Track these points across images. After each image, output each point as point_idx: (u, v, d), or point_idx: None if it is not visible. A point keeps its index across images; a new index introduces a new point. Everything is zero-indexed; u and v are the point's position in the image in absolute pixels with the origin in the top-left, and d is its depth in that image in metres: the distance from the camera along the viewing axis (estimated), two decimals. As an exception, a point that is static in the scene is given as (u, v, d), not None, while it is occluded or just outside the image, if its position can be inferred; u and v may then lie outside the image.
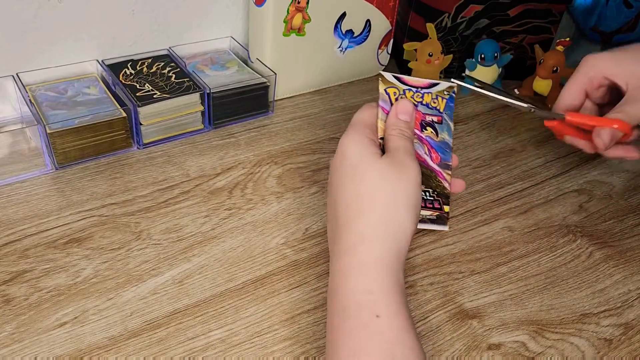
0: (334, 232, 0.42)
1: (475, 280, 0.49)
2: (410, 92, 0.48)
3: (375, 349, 0.35)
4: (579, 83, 0.55)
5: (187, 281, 0.46)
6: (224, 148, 0.62)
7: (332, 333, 0.38)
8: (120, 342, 0.41)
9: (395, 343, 0.35)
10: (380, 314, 0.36)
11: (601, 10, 0.84)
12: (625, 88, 0.53)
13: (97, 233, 0.50)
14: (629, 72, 0.53)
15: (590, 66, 0.55)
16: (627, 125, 0.51)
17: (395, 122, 0.45)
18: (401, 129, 0.44)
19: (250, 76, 0.66)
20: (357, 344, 0.36)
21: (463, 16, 0.75)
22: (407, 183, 0.41)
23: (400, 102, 0.46)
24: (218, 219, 0.52)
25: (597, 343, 0.44)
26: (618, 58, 0.54)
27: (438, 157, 0.48)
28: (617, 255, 0.53)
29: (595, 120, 0.52)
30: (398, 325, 0.36)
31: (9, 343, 0.40)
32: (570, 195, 0.60)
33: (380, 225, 0.39)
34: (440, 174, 0.48)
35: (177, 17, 0.68)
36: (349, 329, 0.36)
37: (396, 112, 0.46)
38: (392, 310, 0.37)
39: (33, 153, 0.56)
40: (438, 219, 0.47)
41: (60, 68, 0.62)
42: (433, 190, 0.47)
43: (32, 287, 0.44)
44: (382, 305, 0.37)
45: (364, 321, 0.36)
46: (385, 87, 0.47)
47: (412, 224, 0.40)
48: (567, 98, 0.56)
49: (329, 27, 0.70)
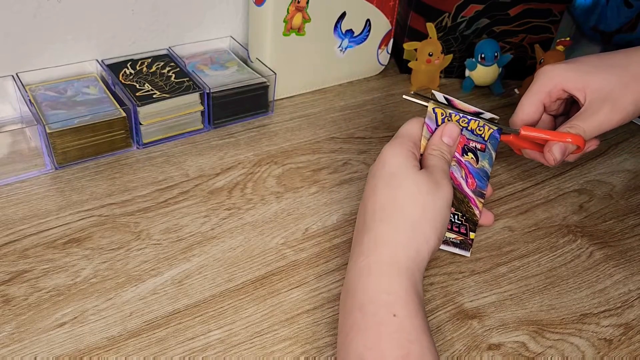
0: (359, 232, 0.43)
1: (475, 280, 0.49)
2: (457, 116, 0.49)
3: (390, 344, 0.35)
4: (537, 96, 0.54)
5: (186, 281, 0.46)
6: (224, 148, 0.62)
7: (345, 329, 0.38)
8: (120, 342, 0.41)
9: (412, 341, 0.36)
10: (397, 314, 0.37)
11: (601, 10, 0.84)
12: (583, 101, 0.52)
13: (97, 233, 0.49)
14: (588, 84, 0.51)
15: (548, 78, 0.53)
16: (581, 138, 0.50)
17: (438, 142, 0.47)
18: (442, 150, 0.47)
19: (250, 76, 0.66)
20: (373, 339, 0.36)
21: (463, 16, 0.75)
22: (439, 201, 0.42)
23: (448, 125, 0.48)
24: (218, 219, 0.52)
25: (597, 343, 0.44)
26: (577, 70, 0.53)
27: (474, 184, 0.50)
28: (617, 255, 0.53)
29: (550, 134, 0.51)
30: (415, 325, 0.37)
31: (9, 343, 0.40)
32: (571, 195, 0.60)
33: (406, 233, 0.41)
34: (472, 200, 0.50)
35: (177, 16, 0.68)
36: (364, 325, 0.37)
37: (441, 134, 0.47)
38: (409, 311, 0.37)
39: (33, 153, 0.56)
40: (461, 243, 0.49)
41: (60, 68, 0.62)
42: (462, 215, 0.49)
43: (32, 287, 0.44)
44: (400, 305, 0.37)
45: (381, 319, 0.37)
46: (434, 107, 0.48)
47: (436, 241, 0.42)
48: (525, 112, 0.54)
49: (329, 26, 0.70)
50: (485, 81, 0.76)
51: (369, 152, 0.63)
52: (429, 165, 0.45)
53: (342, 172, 0.60)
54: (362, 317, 0.37)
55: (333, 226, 0.53)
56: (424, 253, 0.41)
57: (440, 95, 0.49)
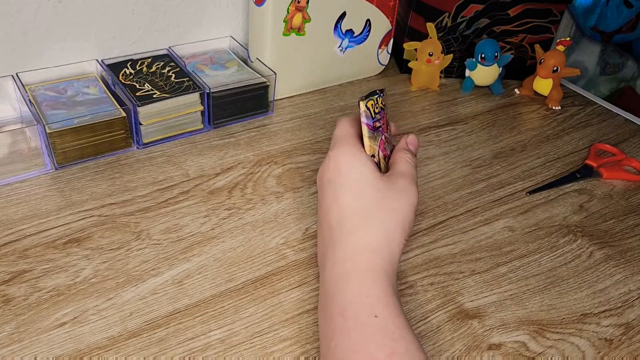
0: (327, 242, 0.43)
1: (475, 280, 0.49)
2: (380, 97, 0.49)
3: (376, 344, 0.36)
4: None
5: (186, 281, 0.46)
6: (224, 148, 0.62)
7: (328, 335, 0.38)
8: (120, 342, 0.41)
9: (395, 339, 0.36)
10: (378, 315, 0.37)
11: (601, 10, 0.84)
12: None
13: (97, 233, 0.49)
14: None
15: None
16: None
17: (405, 147, 0.49)
18: (410, 157, 0.48)
19: (250, 76, 0.66)
20: (358, 341, 0.36)
21: (463, 16, 0.75)
22: (408, 207, 0.44)
23: (410, 136, 0.51)
24: (218, 219, 0.52)
25: (597, 343, 0.44)
26: None
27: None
28: (617, 255, 0.53)
29: None
30: (397, 324, 0.37)
31: (9, 343, 0.40)
32: (571, 195, 0.60)
33: (379, 239, 0.42)
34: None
35: (177, 16, 0.68)
36: (347, 329, 0.37)
37: (406, 141, 0.50)
38: (390, 312, 0.37)
39: (33, 153, 0.56)
40: None
41: (60, 68, 0.62)
42: None
43: (32, 287, 0.44)
44: (381, 306, 0.38)
45: (364, 321, 0.37)
46: (366, 103, 0.47)
47: (404, 240, 0.43)
48: None
49: (329, 26, 0.70)
50: (485, 81, 0.76)
51: (369, 152, 0.63)
52: (399, 170, 0.46)
53: (342, 172, 0.60)
54: (344, 321, 0.37)
55: (333, 226, 0.53)
56: (397, 254, 0.42)
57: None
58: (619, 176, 0.62)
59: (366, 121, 0.47)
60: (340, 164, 0.45)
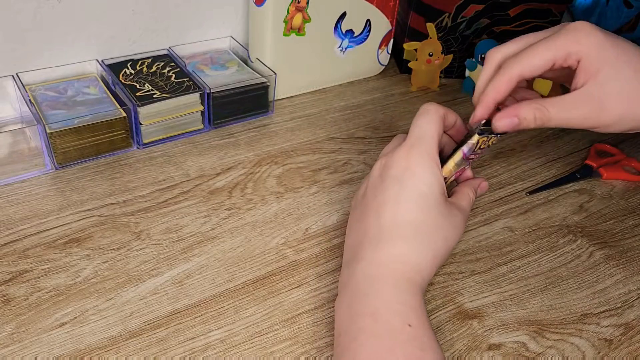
0: (371, 236, 0.43)
1: (475, 281, 0.49)
2: (496, 138, 0.47)
3: (404, 351, 0.36)
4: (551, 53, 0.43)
5: (186, 281, 0.46)
6: (224, 148, 0.62)
7: (352, 332, 0.38)
8: (120, 342, 0.41)
9: (425, 350, 0.36)
10: (412, 324, 0.38)
11: (601, 10, 0.84)
12: (580, 85, 0.43)
13: (97, 233, 0.49)
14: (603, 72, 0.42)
15: (575, 41, 0.42)
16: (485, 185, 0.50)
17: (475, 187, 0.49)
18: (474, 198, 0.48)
19: (250, 76, 0.66)
20: (387, 346, 0.36)
21: (463, 16, 0.75)
22: (454, 241, 0.45)
23: (485, 182, 0.50)
24: (218, 219, 0.52)
25: (597, 343, 0.44)
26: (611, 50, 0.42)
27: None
28: (617, 256, 0.53)
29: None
30: (428, 336, 0.38)
31: (9, 343, 0.40)
32: (571, 195, 0.60)
33: (427, 259, 0.42)
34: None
35: (177, 16, 0.68)
36: (377, 332, 0.37)
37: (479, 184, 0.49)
38: (422, 323, 0.38)
39: (33, 153, 0.56)
40: None
41: (60, 68, 0.62)
42: None
43: (32, 287, 0.44)
44: (414, 316, 0.38)
45: (396, 327, 0.37)
46: (480, 137, 0.46)
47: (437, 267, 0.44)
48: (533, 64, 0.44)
49: (329, 27, 0.70)
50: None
51: (369, 152, 0.63)
52: (462, 206, 0.46)
53: (342, 172, 0.60)
54: (374, 322, 0.38)
55: (333, 226, 0.53)
56: (433, 273, 0.43)
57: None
58: (618, 176, 0.62)
59: (466, 151, 0.46)
60: (413, 168, 0.44)
